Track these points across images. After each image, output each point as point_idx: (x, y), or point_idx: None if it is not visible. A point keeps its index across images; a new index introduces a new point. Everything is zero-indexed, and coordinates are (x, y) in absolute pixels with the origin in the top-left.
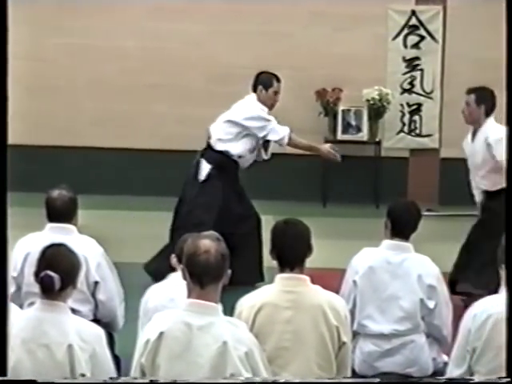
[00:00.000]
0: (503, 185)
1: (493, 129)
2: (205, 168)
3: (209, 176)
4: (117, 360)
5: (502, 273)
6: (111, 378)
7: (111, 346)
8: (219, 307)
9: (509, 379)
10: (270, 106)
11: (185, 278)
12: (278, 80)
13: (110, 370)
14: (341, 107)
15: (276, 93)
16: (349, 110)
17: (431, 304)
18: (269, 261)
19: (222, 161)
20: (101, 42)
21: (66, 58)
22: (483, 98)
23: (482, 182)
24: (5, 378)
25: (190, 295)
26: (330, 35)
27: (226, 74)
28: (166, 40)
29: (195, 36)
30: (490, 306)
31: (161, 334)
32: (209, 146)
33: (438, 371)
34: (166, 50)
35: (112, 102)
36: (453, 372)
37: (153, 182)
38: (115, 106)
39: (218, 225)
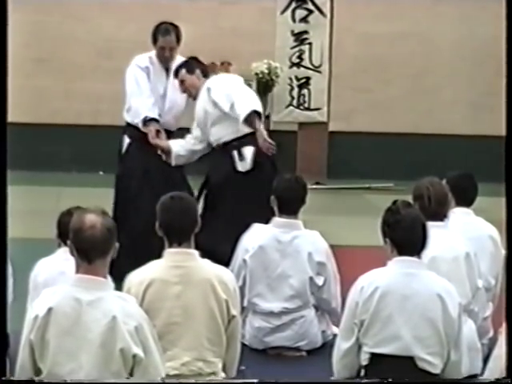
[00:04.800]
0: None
1: (212, 78)
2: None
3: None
4: (6, 336)
5: (387, 247)
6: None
7: None
8: (108, 282)
9: (509, 380)
10: (164, 62)
11: (72, 254)
12: (167, 33)
13: None
14: None
15: (162, 48)
16: None
17: (320, 280)
18: None
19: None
20: None
21: None
22: (192, 64)
23: (211, 139)
24: (5, 378)
25: (78, 271)
26: (217, 8)
27: (111, 48)
28: (49, 13)
29: (79, 9)
30: (377, 279)
31: (49, 309)
32: None
33: (328, 343)
34: (50, 23)
35: None
36: (341, 345)
37: (39, 156)
38: None
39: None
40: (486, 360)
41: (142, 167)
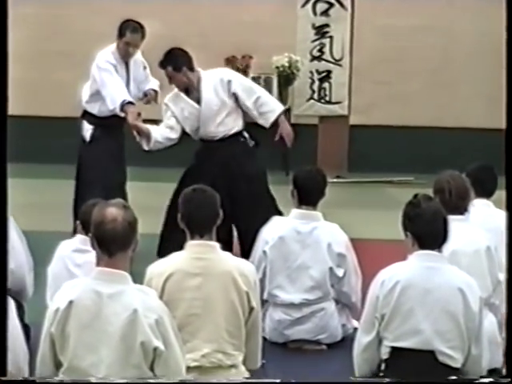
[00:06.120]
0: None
1: (217, 71)
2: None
3: (92, 137)
4: (26, 329)
5: (408, 240)
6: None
7: (21, 315)
8: (128, 275)
9: (509, 379)
10: (125, 57)
11: (93, 247)
12: (135, 31)
13: (20, 341)
14: (251, 74)
15: (127, 44)
16: (259, 77)
17: (340, 272)
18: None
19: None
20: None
21: None
22: (178, 62)
23: (218, 130)
24: (5, 378)
25: (98, 264)
26: (238, 2)
27: None
28: (69, 7)
29: (101, 3)
30: (398, 273)
31: (70, 302)
32: None
33: (348, 337)
34: (72, 16)
35: (16, 70)
36: (361, 339)
37: (59, 149)
38: (20, 74)
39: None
40: None
41: (109, 153)
